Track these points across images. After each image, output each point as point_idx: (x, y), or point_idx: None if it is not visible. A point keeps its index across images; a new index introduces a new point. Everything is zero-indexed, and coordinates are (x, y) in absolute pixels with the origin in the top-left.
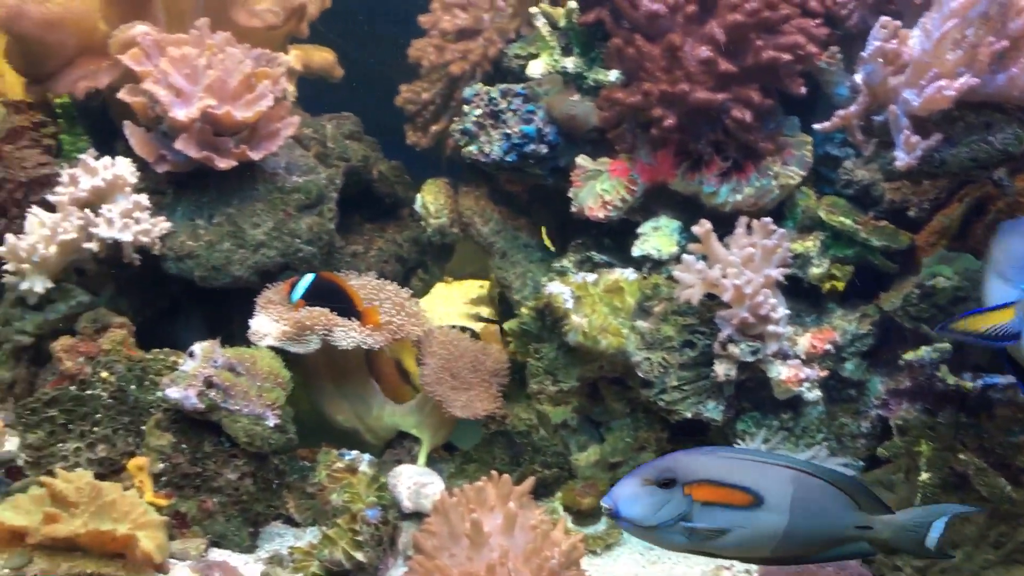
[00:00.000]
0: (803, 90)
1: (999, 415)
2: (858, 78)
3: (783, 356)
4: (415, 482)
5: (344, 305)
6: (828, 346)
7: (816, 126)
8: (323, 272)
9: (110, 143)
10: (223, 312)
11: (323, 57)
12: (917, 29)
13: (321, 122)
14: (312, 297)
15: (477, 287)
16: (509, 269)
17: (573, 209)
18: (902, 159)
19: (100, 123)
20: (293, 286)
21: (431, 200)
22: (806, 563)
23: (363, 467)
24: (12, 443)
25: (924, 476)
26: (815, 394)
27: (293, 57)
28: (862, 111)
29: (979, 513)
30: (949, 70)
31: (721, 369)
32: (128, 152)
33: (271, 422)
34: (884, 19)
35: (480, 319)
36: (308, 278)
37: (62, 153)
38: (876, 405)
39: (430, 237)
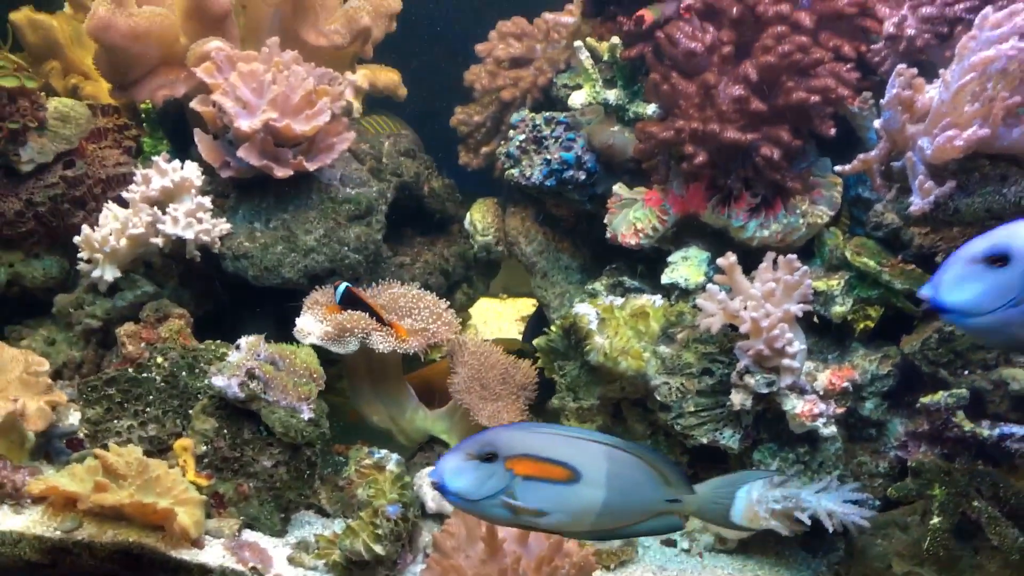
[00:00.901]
0: (832, 132)
1: (1019, 466)
2: (877, 124)
3: (800, 390)
4: None
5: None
6: (846, 384)
7: (837, 168)
8: (352, 288)
9: (188, 148)
10: (279, 310)
11: (389, 77)
12: (938, 80)
13: (379, 138)
14: (342, 305)
15: (531, 305)
16: (548, 289)
17: (608, 235)
18: (917, 204)
19: (179, 129)
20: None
21: (479, 218)
22: (621, 538)
23: (390, 466)
24: (75, 417)
25: (935, 520)
26: (831, 430)
27: (360, 76)
28: (883, 156)
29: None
30: (965, 121)
31: (737, 398)
32: (201, 157)
33: (306, 415)
34: (900, 67)
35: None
36: (341, 287)
37: (142, 155)
38: (895, 446)
39: (476, 254)
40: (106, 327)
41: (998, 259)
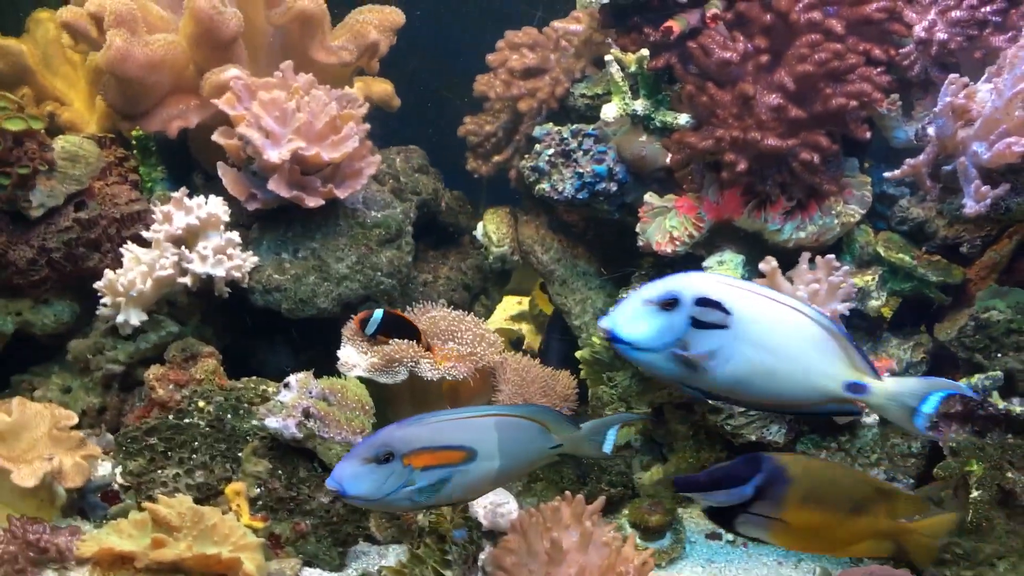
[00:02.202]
0: (868, 135)
1: None
2: (930, 131)
3: None
4: (490, 502)
5: (411, 339)
6: (886, 373)
7: (887, 174)
8: (390, 309)
9: (185, 175)
10: (300, 338)
11: (383, 88)
12: (988, 85)
13: (390, 155)
14: (383, 332)
15: (515, 303)
16: (569, 296)
17: (640, 244)
18: (971, 207)
19: (176, 155)
20: (363, 322)
21: (493, 229)
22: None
23: None
24: (104, 468)
25: (975, 493)
26: (873, 418)
27: (356, 89)
28: (931, 160)
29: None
30: (1018, 126)
31: None
32: (207, 183)
33: None
34: (953, 76)
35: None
36: (378, 314)
37: (141, 186)
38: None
39: (491, 265)
40: (127, 370)
41: (668, 303)
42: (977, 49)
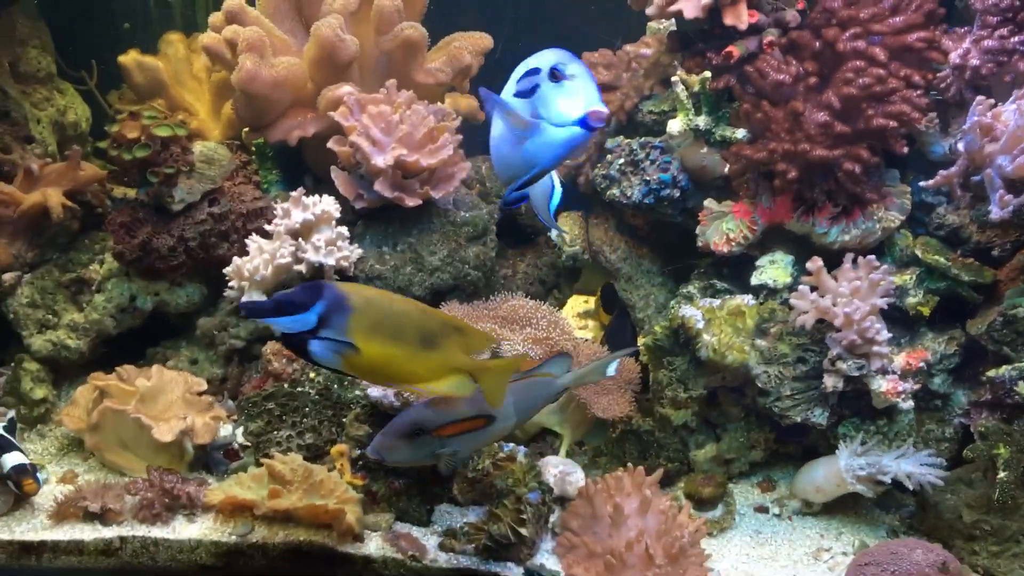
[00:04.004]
0: (906, 150)
1: None
2: (960, 146)
3: (883, 372)
4: (560, 471)
5: None
6: (922, 364)
7: (922, 183)
8: None
9: (296, 178)
10: None
11: (468, 103)
12: (1013, 106)
13: (477, 163)
14: None
15: (582, 302)
16: (634, 291)
17: (699, 244)
18: (996, 213)
19: (289, 161)
20: None
21: (567, 231)
22: None
23: (520, 457)
24: (226, 429)
25: (1002, 475)
26: (909, 404)
27: (447, 104)
28: (961, 172)
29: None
30: None
31: (830, 382)
32: (316, 185)
33: None
34: (980, 98)
35: None
36: None
37: (260, 187)
38: (959, 414)
39: (564, 262)
40: (246, 346)
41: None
42: (1007, 73)
